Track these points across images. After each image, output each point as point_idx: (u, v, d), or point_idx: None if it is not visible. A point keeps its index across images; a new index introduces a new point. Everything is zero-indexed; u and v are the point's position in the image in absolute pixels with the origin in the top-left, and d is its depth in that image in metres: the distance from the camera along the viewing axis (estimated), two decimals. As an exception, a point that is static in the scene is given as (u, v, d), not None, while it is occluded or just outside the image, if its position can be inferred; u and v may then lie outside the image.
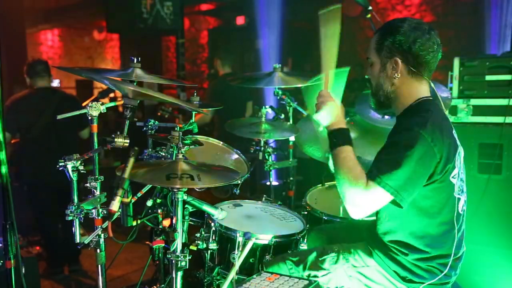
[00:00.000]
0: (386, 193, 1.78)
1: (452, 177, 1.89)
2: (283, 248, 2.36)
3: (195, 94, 2.85)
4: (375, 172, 1.81)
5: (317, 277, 2.07)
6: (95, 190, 2.11)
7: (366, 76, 2.12)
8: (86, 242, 2.06)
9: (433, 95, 2.03)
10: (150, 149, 2.68)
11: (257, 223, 2.56)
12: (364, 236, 2.16)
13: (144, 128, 2.67)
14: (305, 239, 2.47)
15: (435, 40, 1.94)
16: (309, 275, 2.08)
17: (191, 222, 2.54)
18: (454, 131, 1.95)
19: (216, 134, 4.92)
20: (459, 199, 1.95)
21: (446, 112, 3.15)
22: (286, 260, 2.16)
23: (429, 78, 2.00)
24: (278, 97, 3.39)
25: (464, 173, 2.02)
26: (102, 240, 2.14)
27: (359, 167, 1.88)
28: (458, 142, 1.94)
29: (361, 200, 1.81)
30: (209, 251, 2.41)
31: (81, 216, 2.03)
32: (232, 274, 1.87)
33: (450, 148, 1.86)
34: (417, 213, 1.91)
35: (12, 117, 3.98)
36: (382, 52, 1.98)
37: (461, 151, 1.97)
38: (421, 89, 1.99)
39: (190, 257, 2.10)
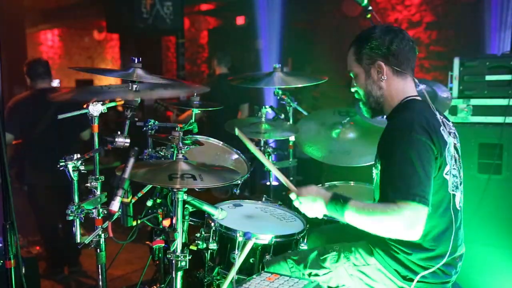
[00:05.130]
0: (413, 204, 1.75)
1: (445, 173, 1.91)
2: (283, 248, 2.36)
3: (195, 94, 2.85)
4: (391, 194, 1.79)
5: (318, 275, 2.08)
6: (95, 190, 2.11)
7: (351, 89, 2.15)
8: (86, 242, 2.06)
9: (421, 95, 2.07)
10: (150, 149, 2.68)
11: (257, 223, 2.56)
12: (364, 235, 2.16)
13: (144, 128, 2.67)
14: (305, 239, 2.47)
15: (408, 37, 2.01)
16: (310, 274, 2.09)
17: (191, 222, 2.54)
18: (442, 128, 1.95)
19: (207, 132, 4.90)
20: (454, 195, 1.96)
21: (446, 112, 3.18)
22: (287, 259, 2.17)
23: (412, 75, 2.05)
24: (278, 97, 3.39)
25: (458, 169, 2.03)
26: (102, 240, 2.14)
27: (374, 204, 1.91)
28: (446, 139, 1.94)
29: (402, 221, 1.76)
30: (209, 251, 2.41)
31: (82, 216, 2.03)
32: (232, 274, 1.87)
33: (439, 144, 1.88)
34: None
35: (15, 118, 3.98)
36: (362, 61, 2.04)
37: (451, 147, 1.97)
38: (407, 88, 2.04)
39: (190, 257, 2.10)
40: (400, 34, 2.00)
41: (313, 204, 1.97)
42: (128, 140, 1.93)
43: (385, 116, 2.14)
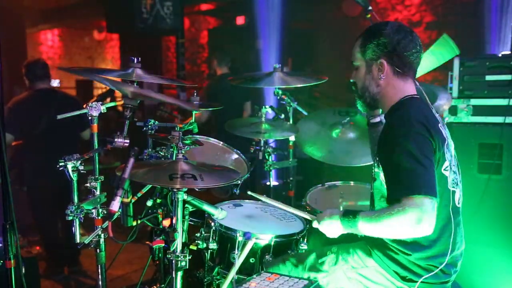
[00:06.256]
0: (418, 198, 1.73)
1: (444, 169, 1.91)
2: (283, 248, 2.36)
3: (195, 94, 2.85)
4: (397, 192, 1.79)
5: (317, 279, 2.07)
6: (95, 190, 2.11)
7: (350, 80, 2.16)
8: (86, 242, 2.06)
9: (419, 93, 2.07)
10: (150, 149, 2.68)
11: (257, 223, 2.56)
12: (363, 235, 2.15)
13: (144, 128, 2.67)
14: (305, 239, 2.47)
15: (417, 41, 2.01)
16: (308, 277, 2.08)
17: (191, 222, 2.54)
18: (440, 125, 1.97)
19: (214, 134, 4.91)
20: (454, 191, 1.96)
21: (446, 113, 3.18)
22: (286, 261, 2.17)
23: (414, 77, 2.06)
24: (278, 97, 3.39)
25: (457, 166, 2.04)
26: (102, 240, 2.14)
27: (382, 209, 1.87)
28: (444, 135, 1.96)
29: (408, 219, 1.73)
30: (209, 251, 2.41)
31: (81, 216, 2.03)
32: (232, 274, 1.88)
33: (438, 139, 1.89)
34: None
35: (15, 119, 3.97)
36: (367, 55, 2.03)
37: (450, 143, 1.99)
38: (406, 88, 2.04)
39: (190, 257, 2.10)
40: (410, 36, 1.98)
41: (330, 224, 1.96)
42: (128, 141, 1.94)
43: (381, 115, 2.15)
